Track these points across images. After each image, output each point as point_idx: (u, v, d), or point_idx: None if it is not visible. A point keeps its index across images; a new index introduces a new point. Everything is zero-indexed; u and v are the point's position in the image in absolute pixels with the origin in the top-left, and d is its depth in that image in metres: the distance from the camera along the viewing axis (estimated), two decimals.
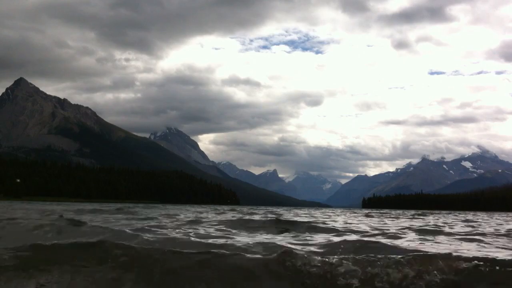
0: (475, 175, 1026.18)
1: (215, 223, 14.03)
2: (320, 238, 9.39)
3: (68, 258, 5.27)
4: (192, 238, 8.30)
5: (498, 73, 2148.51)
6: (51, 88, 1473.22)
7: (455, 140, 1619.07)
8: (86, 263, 5.16)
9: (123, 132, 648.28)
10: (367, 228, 13.66)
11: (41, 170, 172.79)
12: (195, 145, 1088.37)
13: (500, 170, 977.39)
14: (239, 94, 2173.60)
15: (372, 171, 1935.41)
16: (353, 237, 10.11)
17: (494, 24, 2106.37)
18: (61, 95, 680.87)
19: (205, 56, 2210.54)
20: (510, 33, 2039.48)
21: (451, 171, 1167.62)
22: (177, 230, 10.82)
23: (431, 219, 26.74)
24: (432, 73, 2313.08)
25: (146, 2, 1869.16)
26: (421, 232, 12.44)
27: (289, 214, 32.63)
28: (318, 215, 31.15)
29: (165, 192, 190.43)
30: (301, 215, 30.43)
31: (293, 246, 7.09)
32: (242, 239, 8.68)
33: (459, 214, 55.80)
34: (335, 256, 4.80)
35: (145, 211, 31.86)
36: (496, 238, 10.93)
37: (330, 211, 57.35)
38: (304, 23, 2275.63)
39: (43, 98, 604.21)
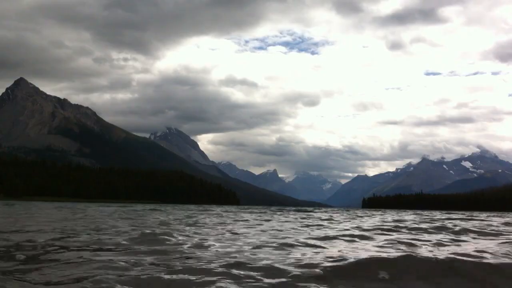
0: (475, 175, 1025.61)
1: None
2: None
3: None
4: None
5: (494, 73, 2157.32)
6: (49, 88, 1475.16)
7: (452, 140, 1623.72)
8: None
9: (123, 132, 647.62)
10: None
11: (41, 170, 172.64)
12: (195, 145, 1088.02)
13: (500, 170, 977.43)
14: (236, 95, 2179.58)
15: (371, 171, 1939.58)
16: None
17: (488, 25, 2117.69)
18: (59, 96, 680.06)
19: (202, 57, 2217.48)
20: (504, 34, 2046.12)
21: (451, 171, 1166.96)
22: None
23: None
24: (428, 74, 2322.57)
25: (142, 3, 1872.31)
26: None
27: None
28: None
29: (165, 192, 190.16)
30: None
31: None
32: None
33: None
34: None
35: None
36: None
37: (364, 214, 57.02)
38: (298, 24, 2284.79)
39: (43, 98, 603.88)
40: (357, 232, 12.35)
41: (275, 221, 20.20)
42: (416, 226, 16.26)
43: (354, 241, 9.98)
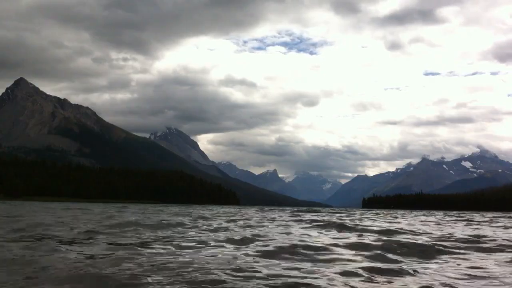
0: (475, 175, 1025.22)
1: None
2: None
3: None
4: None
5: (493, 73, 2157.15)
6: (49, 88, 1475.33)
7: (452, 140, 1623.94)
8: None
9: (123, 132, 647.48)
10: None
11: (41, 170, 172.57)
12: (195, 145, 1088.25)
13: (500, 170, 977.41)
14: (236, 95, 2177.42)
15: (371, 171, 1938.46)
16: None
17: (486, 26, 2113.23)
18: (59, 96, 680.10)
19: (201, 57, 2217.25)
20: (502, 34, 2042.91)
21: (451, 171, 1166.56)
22: None
23: None
24: (427, 74, 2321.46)
25: (141, 3, 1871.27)
26: None
27: None
28: None
29: (165, 192, 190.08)
30: None
31: None
32: None
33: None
34: None
35: None
36: None
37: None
38: (297, 24, 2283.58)
39: (43, 98, 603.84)
40: None
41: None
42: None
43: None
